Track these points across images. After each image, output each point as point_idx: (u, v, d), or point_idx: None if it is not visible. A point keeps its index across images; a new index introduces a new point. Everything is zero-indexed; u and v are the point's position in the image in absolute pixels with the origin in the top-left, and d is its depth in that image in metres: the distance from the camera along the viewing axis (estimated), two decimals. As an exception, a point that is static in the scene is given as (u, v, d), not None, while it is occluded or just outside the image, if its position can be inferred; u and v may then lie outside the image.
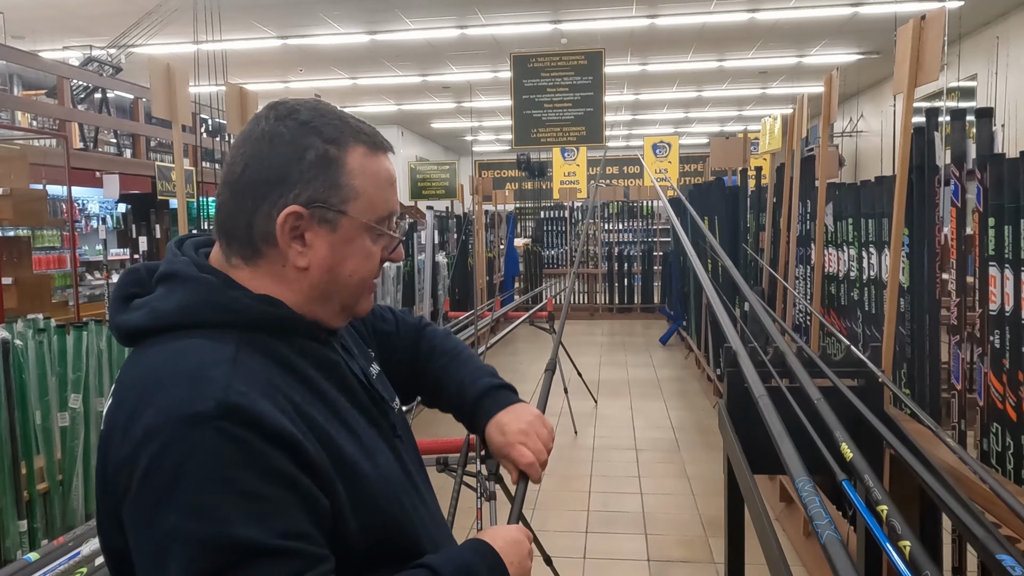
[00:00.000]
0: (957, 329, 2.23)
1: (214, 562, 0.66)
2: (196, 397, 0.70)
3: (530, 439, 1.02)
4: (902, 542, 1.33)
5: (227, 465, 0.68)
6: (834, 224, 3.33)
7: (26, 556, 1.58)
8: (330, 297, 0.85)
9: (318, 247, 0.82)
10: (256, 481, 0.69)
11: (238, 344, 0.77)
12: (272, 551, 0.67)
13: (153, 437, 0.69)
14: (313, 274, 0.83)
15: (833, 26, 9.25)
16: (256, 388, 0.73)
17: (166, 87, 2.90)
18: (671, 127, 18.02)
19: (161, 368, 0.75)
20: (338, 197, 0.82)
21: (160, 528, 0.68)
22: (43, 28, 8.79)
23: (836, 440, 1.71)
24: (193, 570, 0.66)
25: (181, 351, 0.76)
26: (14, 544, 2.17)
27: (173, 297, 0.80)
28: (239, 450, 0.69)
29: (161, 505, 0.68)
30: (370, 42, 9.62)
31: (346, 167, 0.82)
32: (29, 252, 4.41)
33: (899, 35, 2.35)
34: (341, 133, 0.83)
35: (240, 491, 0.68)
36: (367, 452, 0.83)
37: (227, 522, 0.67)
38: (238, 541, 0.66)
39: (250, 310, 0.80)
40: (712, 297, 2.58)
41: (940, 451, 2.04)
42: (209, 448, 0.68)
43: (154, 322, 0.79)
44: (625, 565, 3.14)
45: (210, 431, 0.68)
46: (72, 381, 2.35)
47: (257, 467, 0.69)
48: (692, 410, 5.60)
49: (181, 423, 0.69)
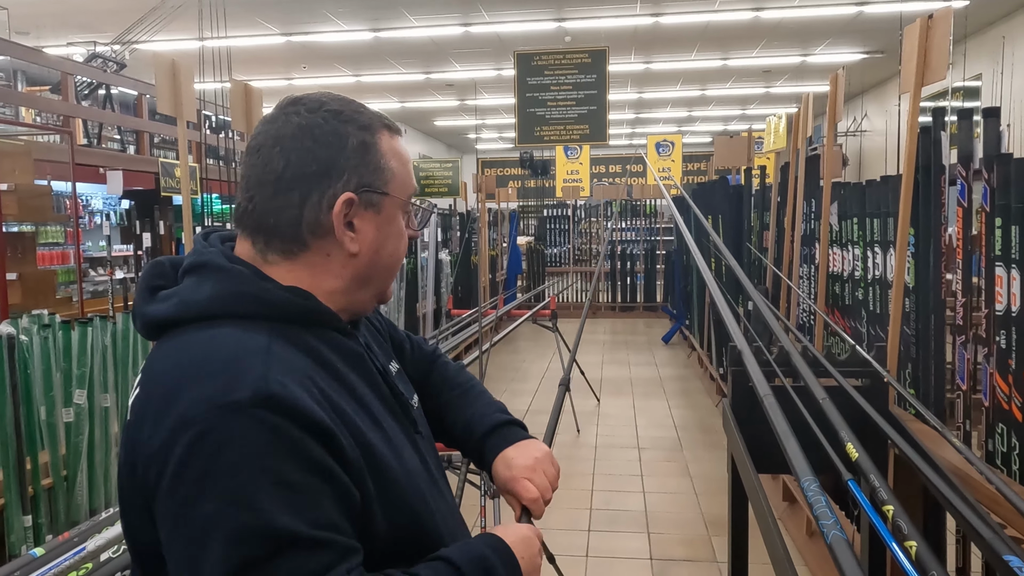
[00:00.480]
0: (963, 329, 2.23)
1: (253, 551, 0.66)
2: (233, 386, 0.70)
3: (536, 475, 1.00)
4: (908, 542, 1.33)
5: (264, 454, 0.68)
6: (839, 223, 3.33)
7: (31, 551, 1.58)
8: (371, 281, 0.87)
9: (366, 231, 0.85)
10: (293, 471, 0.69)
11: (270, 335, 0.77)
12: (309, 541, 0.68)
13: (189, 426, 0.69)
14: (362, 259, 0.85)
15: (837, 25, 9.23)
16: (292, 378, 0.73)
17: (171, 83, 2.90)
18: (674, 126, 18.00)
19: (194, 358, 0.74)
20: (381, 180, 0.85)
21: (197, 518, 0.67)
22: (47, 24, 8.79)
23: (841, 440, 1.70)
24: (233, 559, 0.66)
25: (214, 340, 0.76)
26: (19, 539, 2.17)
27: (204, 287, 0.80)
28: (277, 439, 0.69)
29: (198, 494, 0.68)
30: (374, 39, 9.62)
31: (380, 151, 0.85)
32: (34, 248, 4.42)
33: (906, 34, 2.34)
34: (370, 120, 0.86)
35: (277, 480, 0.68)
36: (393, 447, 0.83)
37: (265, 511, 0.67)
38: (277, 530, 0.66)
39: (282, 301, 0.80)
40: (716, 296, 2.57)
41: (944, 451, 2.03)
42: (247, 437, 0.68)
43: (184, 312, 0.79)
44: (627, 563, 3.14)
45: (247, 420, 0.68)
46: (77, 377, 2.35)
47: (294, 457, 0.69)
48: (695, 409, 5.59)
49: (218, 411, 0.69)
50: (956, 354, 2.29)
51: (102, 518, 1.81)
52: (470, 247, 8.34)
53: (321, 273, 0.84)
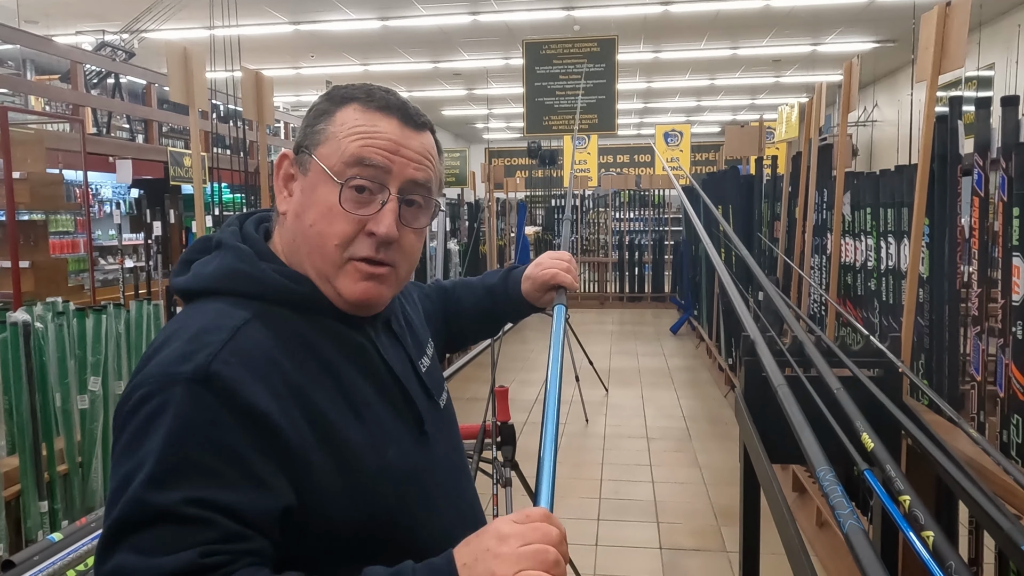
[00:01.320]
0: (978, 320, 2.21)
1: (129, 514, 0.67)
2: (186, 358, 0.72)
3: (559, 261, 1.23)
4: (925, 532, 1.32)
5: (184, 428, 0.69)
6: (852, 213, 3.31)
7: (50, 536, 1.59)
8: (298, 251, 0.84)
9: (295, 191, 0.85)
10: (203, 452, 0.69)
11: (256, 315, 0.79)
12: (185, 519, 0.67)
13: (139, 387, 0.73)
14: (288, 221, 0.85)
15: (849, 13, 9.15)
16: (249, 363, 0.74)
17: (183, 71, 2.90)
18: (683, 115, 17.92)
19: (175, 328, 0.78)
20: (311, 140, 0.85)
21: (117, 475, 0.70)
22: (56, 13, 8.80)
23: (856, 430, 1.70)
24: (115, 515, 0.68)
25: (197, 313, 0.79)
26: (35, 524, 2.19)
27: (213, 263, 0.84)
28: (200, 417, 0.70)
29: (124, 450, 0.71)
30: (382, 28, 9.59)
31: (331, 117, 0.85)
32: (46, 236, 4.43)
33: (923, 22, 2.32)
34: (347, 92, 0.87)
35: (186, 456, 0.69)
36: (375, 441, 0.81)
37: (158, 482, 0.67)
38: (154, 501, 0.67)
39: (272, 282, 0.81)
40: (728, 285, 2.56)
41: (958, 442, 2.03)
42: (175, 408, 0.70)
43: (194, 284, 0.83)
44: (637, 553, 3.15)
45: (183, 392, 0.70)
46: (91, 364, 2.37)
47: (212, 438, 0.70)
48: (703, 399, 5.59)
49: (164, 379, 0.72)
50: (971, 345, 2.28)
51: (119, 504, 1.82)
52: (478, 237, 8.34)
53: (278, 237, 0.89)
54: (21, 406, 2.16)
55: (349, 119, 0.84)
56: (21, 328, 2.12)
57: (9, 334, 2.13)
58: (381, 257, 0.83)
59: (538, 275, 1.22)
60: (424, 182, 0.86)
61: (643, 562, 3.07)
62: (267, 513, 0.71)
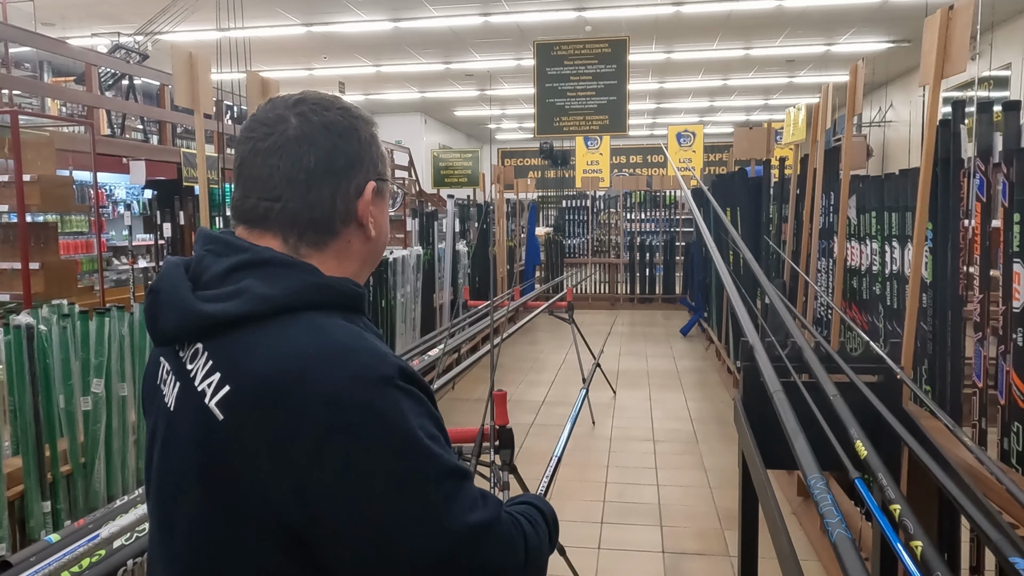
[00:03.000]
0: (980, 326, 2.19)
1: (446, 489, 0.78)
2: (374, 364, 0.78)
3: None
4: (914, 542, 1.31)
5: (414, 415, 0.78)
6: (857, 217, 3.28)
7: (47, 537, 1.61)
8: (375, 263, 0.96)
9: (379, 215, 0.93)
10: (431, 425, 0.80)
11: (345, 320, 0.85)
12: (466, 473, 0.81)
13: (348, 403, 0.75)
14: (376, 241, 0.93)
15: (863, 13, 9.08)
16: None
17: (188, 75, 2.92)
18: (696, 116, 17.84)
19: (316, 346, 0.78)
20: (384, 167, 0.94)
21: (384, 478, 0.76)
22: (72, 15, 8.90)
23: (851, 437, 1.69)
24: (432, 499, 0.77)
25: (321, 329, 0.80)
26: (38, 524, 2.22)
27: (277, 283, 0.81)
28: (415, 402, 0.79)
29: (380, 458, 0.76)
30: (393, 29, 9.62)
31: (379, 141, 0.94)
32: (56, 237, 4.48)
33: (926, 26, 2.30)
34: (365, 114, 0.94)
35: (428, 434, 0.79)
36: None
37: (439, 456, 0.79)
38: (454, 468, 0.80)
39: (348, 290, 0.87)
40: (730, 290, 2.56)
41: (959, 449, 2.01)
42: (400, 404, 0.77)
43: (258, 307, 0.80)
44: (640, 556, 3.14)
45: (394, 390, 0.78)
46: (95, 366, 2.39)
47: (427, 414, 0.81)
48: (711, 402, 5.57)
49: (372, 386, 0.76)
50: (973, 351, 2.26)
51: (116, 505, 1.84)
52: (488, 238, 8.34)
53: (344, 259, 0.91)
54: (25, 407, 2.19)
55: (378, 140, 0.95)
56: (24, 331, 2.15)
57: (13, 337, 2.16)
58: None
59: None
60: None
61: (645, 565, 3.06)
62: None
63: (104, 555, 1.54)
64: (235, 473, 0.76)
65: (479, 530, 0.80)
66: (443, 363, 3.81)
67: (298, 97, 0.89)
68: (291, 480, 0.74)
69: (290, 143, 0.85)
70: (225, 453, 0.77)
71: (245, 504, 0.77)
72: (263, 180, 0.85)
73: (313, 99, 0.89)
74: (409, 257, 5.70)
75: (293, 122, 0.85)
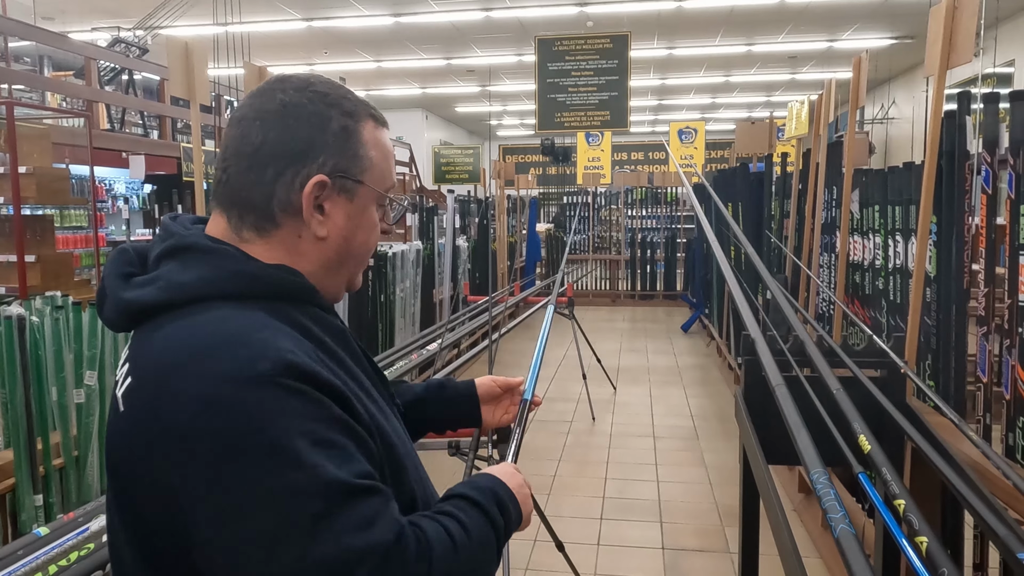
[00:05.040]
0: (985, 320, 2.16)
1: (314, 506, 0.67)
2: (253, 359, 0.70)
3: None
4: (919, 538, 1.29)
5: (299, 417, 0.70)
6: (860, 211, 3.25)
7: (36, 531, 1.59)
8: (340, 268, 0.87)
9: (336, 216, 0.85)
10: (326, 430, 0.71)
11: (265, 311, 0.78)
12: (358, 489, 0.70)
13: (215, 403, 0.68)
14: (330, 244, 0.85)
15: (866, 9, 9.04)
16: (301, 349, 0.75)
17: (184, 66, 2.90)
18: (698, 112, 17.80)
19: (200, 337, 0.73)
20: (357, 167, 0.85)
21: (244, 488, 0.67)
22: (72, 9, 8.87)
23: (854, 432, 1.66)
24: (298, 518, 0.67)
25: (215, 321, 0.75)
26: (30, 518, 2.20)
27: (192, 270, 0.78)
28: (306, 403, 0.71)
29: (244, 466, 0.68)
30: (395, 24, 9.59)
31: (362, 139, 0.86)
32: (52, 230, 4.45)
33: (932, 15, 2.27)
34: (355, 107, 0.87)
35: (315, 440, 0.70)
36: (387, 419, 0.85)
37: (315, 466, 0.69)
38: (330, 483, 0.69)
39: (274, 279, 0.80)
40: (731, 283, 2.53)
41: (963, 444, 1.98)
42: (277, 405, 0.69)
43: (172, 295, 0.77)
44: (639, 553, 3.12)
45: (275, 389, 0.70)
46: (88, 358, 2.37)
47: (323, 417, 0.72)
48: (712, 398, 5.54)
49: (245, 385, 0.69)
50: (977, 345, 2.23)
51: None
52: (488, 233, 8.32)
53: (295, 254, 0.84)
54: (16, 400, 2.17)
55: (377, 142, 0.88)
56: (15, 322, 2.12)
57: (3, 328, 2.13)
58: None
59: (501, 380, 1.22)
60: None
61: (645, 562, 3.03)
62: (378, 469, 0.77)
63: (93, 548, 1.52)
64: (123, 465, 0.76)
65: (357, 556, 0.68)
66: (442, 358, 3.79)
67: (290, 75, 0.87)
68: (163, 479, 0.71)
69: (248, 117, 0.83)
70: (119, 445, 0.76)
71: (126, 497, 0.76)
72: (223, 149, 0.85)
73: (299, 78, 0.86)
74: (409, 252, 5.67)
75: (265, 97, 0.84)
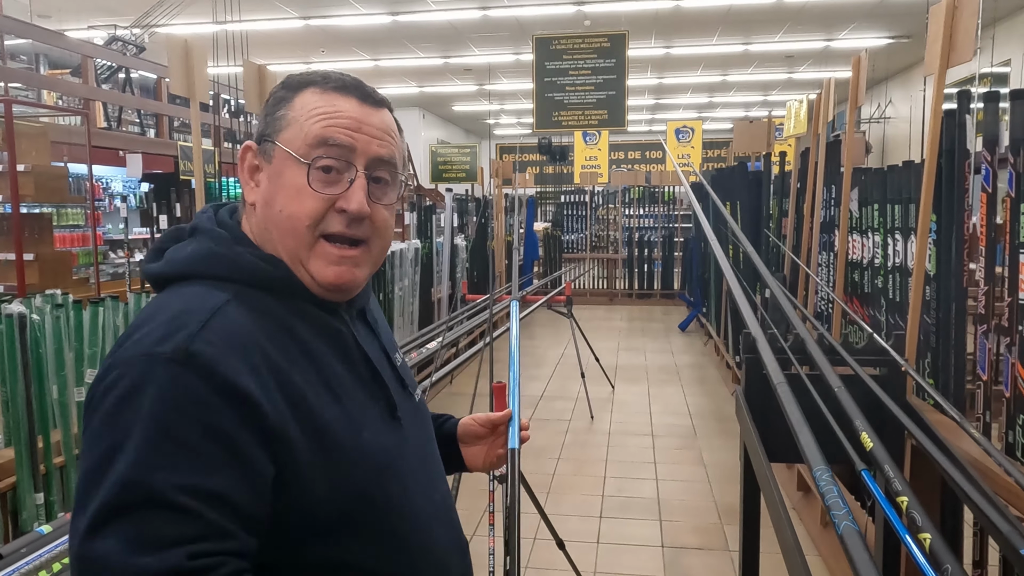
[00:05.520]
0: (984, 319, 2.17)
1: (117, 496, 0.66)
2: (164, 339, 0.72)
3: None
4: (922, 534, 1.29)
5: (166, 409, 0.69)
6: (859, 210, 3.26)
7: (39, 528, 1.59)
8: (270, 238, 0.85)
9: (262, 181, 0.86)
10: (191, 432, 0.69)
11: (234, 296, 0.79)
12: (174, 506, 0.66)
13: (114, 368, 0.72)
14: (259, 211, 0.86)
15: (863, 9, 9.05)
16: (229, 342, 0.74)
17: (184, 64, 2.89)
18: (694, 112, 17.81)
19: (152, 311, 0.78)
20: (272, 127, 0.86)
21: (94, 453, 0.69)
22: (68, 7, 8.83)
23: (856, 429, 1.67)
24: (103, 497, 0.66)
25: (174, 297, 0.79)
26: (31, 516, 2.19)
27: (189, 247, 0.84)
28: (183, 396, 0.70)
29: (101, 432, 0.70)
30: (392, 23, 9.57)
31: (289, 103, 0.86)
32: (50, 229, 4.44)
33: (932, 14, 2.28)
34: (302, 79, 0.88)
35: (170, 437, 0.68)
36: (351, 422, 0.82)
37: (144, 464, 0.67)
38: (147, 486, 0.66)
39: (249, 265, 0.82)
40: (732, 282, 2.53)
41: (963, 443, 1.99)
42: (157, 389, 0.69)
43: (168, 269, 0.83)
44: (639, 551, 3.12)
45: (162, 372, 0.70)
46: (88, 356, 2.36)
47: (196, 419, 0.69)
48: (710, 397, 5.55)
49: (141, 360, 0.71)
50: (977, 344, 2.24)
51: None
52: (486, 232, 8.32)
53: (250, 226, 0.88)
54: (17, 398, 2.16)
55: (309, 102, 0.85)
56: (16, 320, 2.12)
57: (4, 326, 2.13)
58: (353, 233, 0.84)
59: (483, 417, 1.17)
60: (388, 158, 0.87)
61: (644, 560, 3.04)
62: (252, 491, 0.71)
63: (97, 546, 1.51)
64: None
65: (108, 569, 0.64)
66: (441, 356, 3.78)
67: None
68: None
69: None
70: None
71: None
72: None
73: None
74: (407, 251, 5.67)
75: None
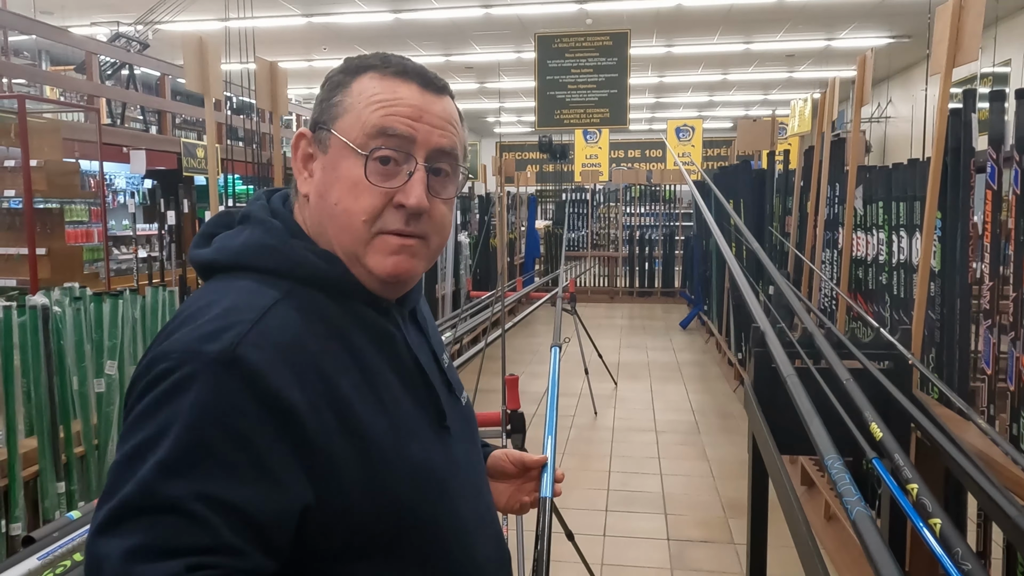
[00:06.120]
0: (989, 315, 2.21)
1: (134, 498, 0.64)
2: (211, 336, 0.69)
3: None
4: (932, 520, 1.33)
5: (205, 413, 0.66)
6: (863, 207, 3.30)
7: (68, 514, 1.62)
8: (325, 231, 0.80)
9: (316, 171, 0.81)
10: (223, 441, 0.66)
11: (285, 295, 0.75)
12: (189, 515, 0.64)
13: (161, 360, 0.69)
14: (313, 202, 0.81)
15: (863, 9, 9.09)
16: (277, 347, 0.70)
17: (199, 61, 2.92)
18: (695, 110, 17.84)
19: (202, 302, 0.74)
20: (328, 114, 0.81)
21: (130, 444, 0.67)
22: (71, 4, 8.84)
23: (865, 420, 1.71)
24: (122, 496, 0.64)
25: (224, 289, 0.75)
26: (52, 505, 2.23)
27: (241, 236, 0.80)
28: (221, 402, 0.66)
29: (138, 423, 0.68)
30: (394, 20, 9.59)
31: (347, 89, 0.81)
32: (62, 224, 4.47)
33: (938, 14, 2.32)
34: (362, 62, 0.82)
35: (203, 444, 0.65)
36: (398, 432, 0.78)
37: (170, 467, 0.64)
38: (163, 491, 0.64)
39: (302, 260, 0.78)
40: (738, 276, 2.57)
41: (968, 435, 2.03)
42: (197, 391, 0.66)
43: (219, 257, 0.79)
44: (644, 543, 3.16)
45: (206, 373, 0.67)
46: (108, 348, 2.40)
47: (230, 426, 0.66)
48: (712, 394, 5.60)
49: (187, 355, 0.68)
50: (982, 340, 2.28)
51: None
52: (489, 230, 8.36)
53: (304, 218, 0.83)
54: (39, 389, 2.20)
55: (367, 88, 0.80)
56: (40, 312, 2.15)
57: (28, 318, 2.16)
58: (411, 230, 0.79)
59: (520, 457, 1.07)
60: (450, 149, 0.82)
61: (650, 552, 3.08)
62: (277, 513, 0.68)
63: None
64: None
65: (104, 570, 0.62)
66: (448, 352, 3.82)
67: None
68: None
69: None
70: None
71: None
72: None
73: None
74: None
75: None
